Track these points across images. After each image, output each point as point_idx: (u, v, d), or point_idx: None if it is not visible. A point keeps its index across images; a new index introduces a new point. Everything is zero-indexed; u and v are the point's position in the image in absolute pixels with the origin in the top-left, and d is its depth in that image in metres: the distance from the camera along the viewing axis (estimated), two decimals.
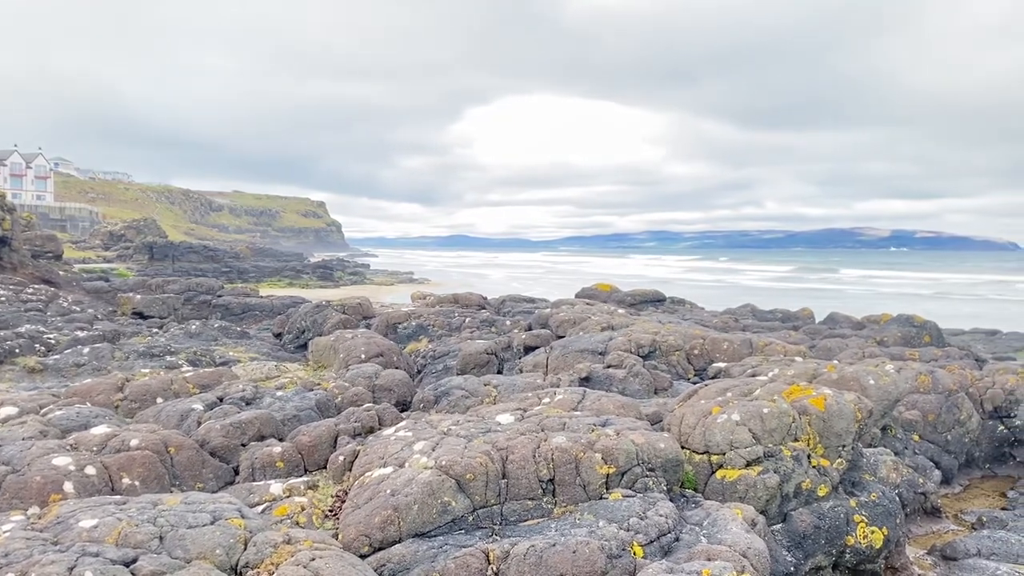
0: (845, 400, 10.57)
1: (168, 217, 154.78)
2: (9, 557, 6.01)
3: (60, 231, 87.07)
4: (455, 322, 25.49)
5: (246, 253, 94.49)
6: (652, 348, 17.76)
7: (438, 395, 14.31)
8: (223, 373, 14.95)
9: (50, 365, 20.83)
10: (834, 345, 21.88)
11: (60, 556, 6.01)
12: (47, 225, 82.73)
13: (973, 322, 44.87)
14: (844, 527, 9.63)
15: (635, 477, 8.72)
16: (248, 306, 36.11)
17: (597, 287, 32.72)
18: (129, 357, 21.43)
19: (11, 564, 5.91)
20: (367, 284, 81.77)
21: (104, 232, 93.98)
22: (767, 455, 9.62)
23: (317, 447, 10.82)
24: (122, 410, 12.97)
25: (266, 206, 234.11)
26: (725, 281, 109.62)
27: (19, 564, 5.89)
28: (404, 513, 7.83)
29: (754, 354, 17.99)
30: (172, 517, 6.96)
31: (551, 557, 7.06)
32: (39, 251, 45.29)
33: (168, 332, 27.29)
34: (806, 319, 30.86)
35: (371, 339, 19.55)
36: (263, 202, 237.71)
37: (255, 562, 6.54)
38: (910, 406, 14.89)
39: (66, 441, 9.76)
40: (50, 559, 5.94)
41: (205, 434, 10.86)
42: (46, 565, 5.84)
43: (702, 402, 10.56)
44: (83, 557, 6.06)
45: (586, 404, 11.28)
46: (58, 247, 50.08)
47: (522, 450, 8.66)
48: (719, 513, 8.43)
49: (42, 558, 5.96)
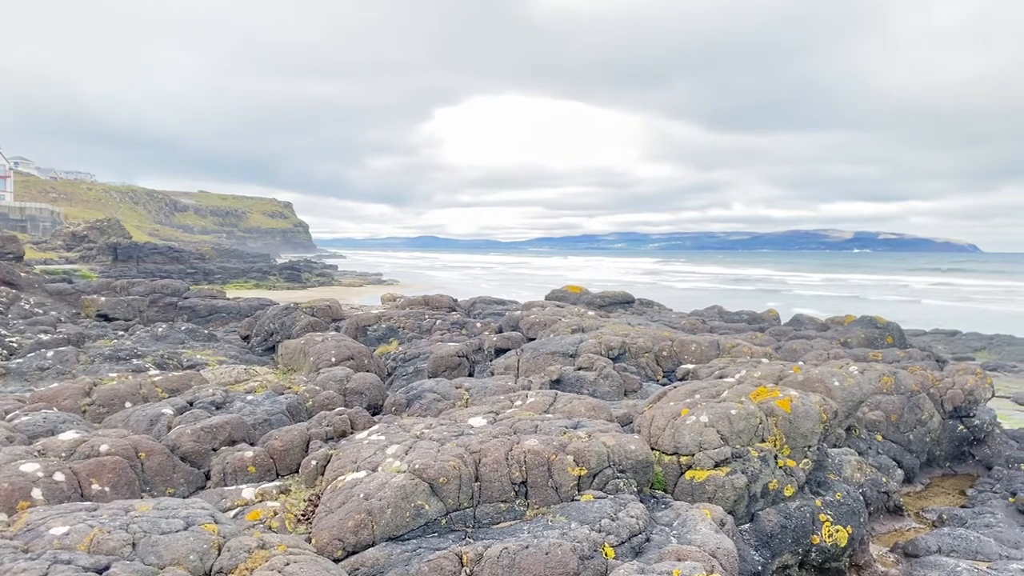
0: (811, 401, 10.79)
1: (132, 217, 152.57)
2: None
3: (20, 232, 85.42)
4: (425, 324, 25.48)
5: (212, 254, 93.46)
6: (622, 350, 17.92)
7: (410, 398, 14.33)
8: (192, 377, 14.83)
9: (12, 369, 20.48)
10: (799, 346, 22.23)
11: (31, 564, 5.97)
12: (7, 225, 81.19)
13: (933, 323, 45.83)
14: (810, 526, 9.83)
15: (606, 479, 8.83)
16: (215, 308, 35.75)
17: (567, 289, 32.89)
18: (95, 360, 21.14)
19: None
20: (335, 285, 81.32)
21: (66, 232, 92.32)
22: (735, 456, 9.79)
23: (289, 451, 10.80)
24: (90, 415, 12.82)
25: (232, 206, 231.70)
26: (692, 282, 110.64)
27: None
28: (378, 517, 7.87)
29: (721, 355, 18.23)
30: (144, 523, 6.92)
31: (524, 559, 7.13)
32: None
33: (134, 335, 26.95)
34: (772, 320, 31.30)
35: (341, 342, 19.49)
36: (229, 202, 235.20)
37: (229, 567, 6.54)
38: (874, 406, 15.19)
39: (33, 447, 9.64)
40: (21, 567, 5.90)
41: (176, 439, 10.78)
42: (18, 573, 5.80)
43: (671, 404, 10.72)
44: (55, 565, 6.02)
45: (558, 407, 11.38)
46: (19, 248, 49.16)
47: (495, 453, 8.73)
48: (688, 514, 8.57)
49: (13, 566, 5.91)
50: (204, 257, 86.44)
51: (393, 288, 72.89)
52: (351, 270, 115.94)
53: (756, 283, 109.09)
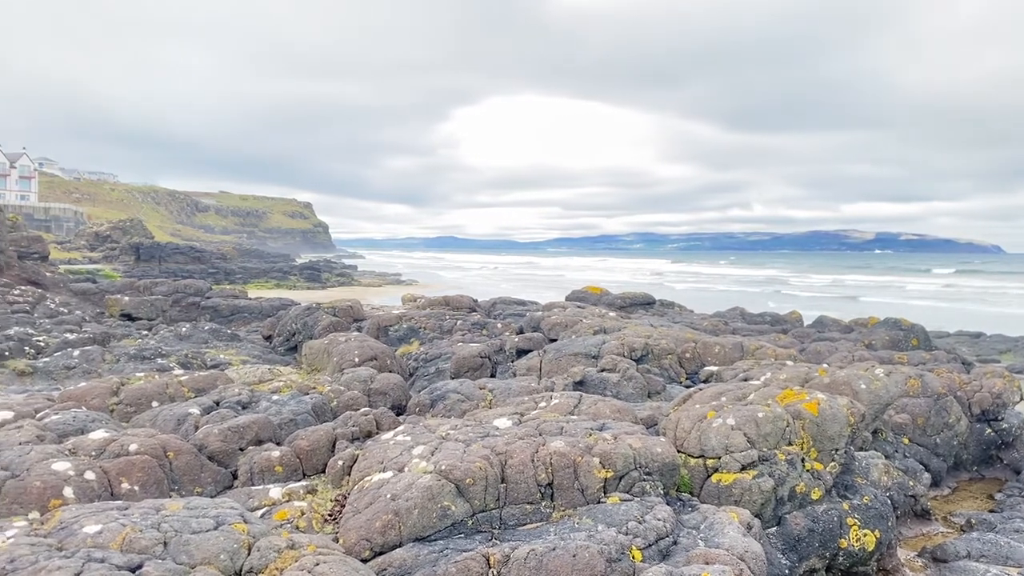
0: (838, 404, 10.71)
1: (154, 218, 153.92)
2: (15, 563, 6.01)
3: (45, 232, 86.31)
4: (446, 325, 25.54)
5: (233, 254, 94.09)
6: (644, 351, 17.87)
7: (434, 399, 14.36)
8: (218, 377, 14.94)
9: (40, 368, 20.74)
10: (823, 348, 22.06)
11: (66, 562, 6.03)
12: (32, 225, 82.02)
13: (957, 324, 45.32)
14: (837, 530, 9.76)
15: (632, 481, 8.81)
16: (237, 308, 36.01)
17: (588, 290, 32.84)
18: (120, 360, 21.37)
19: (17, 570, 5.92)
20: (355, 285, 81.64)
21: (90, 233, 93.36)
22: (762, 459, 9.74)
23: (315, 451, 10.85)
24: (117, 414, 12.95)
25: (252, 207, 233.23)
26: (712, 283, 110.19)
27: (25, 570, 5.90)
28: (405, 517, 7.89)
29: (745, 357, 18.13)
30: (175, 522, 6.98)
31: (551, 561, 7.13)
32: (25, 252, 44.98)
33: (158, 334, 27.20)
34: (795, 322, 31.10)
35: (364, 342, 19.57)
36: (249, 203, 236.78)
37: (259, 567, 6.58)
38: (900, 409, 15.05)
39: (64, 446, 9.74)
40: (56, 565, 5.96)
41: (203, 438, 10.87)
42: (52, 571, 5.86)
43: (697, 406, 10.68)
44: (89, 563, 6.07)
45: (582, 408, 11.36)
46: (44, 248, 49.73)
47: (521, 455, 8.73)
48: (715, 517, 8.53)
49: (48, 564, 5.98)
50: (225, 257, 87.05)
51: (412, 288, 73.10)
52: (370, 270, 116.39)
53: (761, 284, 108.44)
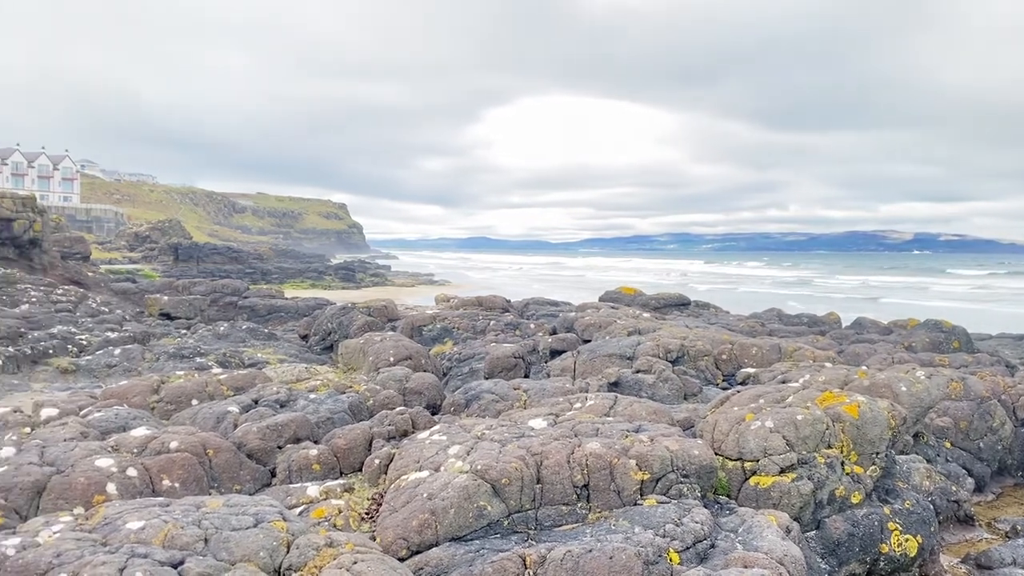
0: (879, 407, 10.54)
1: (192, 218, 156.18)
2: (61, 557, 6.13)
3: (86, 232, 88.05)
4: (479, 325, 25.59)
5: (269, 254, 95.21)
6: (680, 353, 17.75)
7: (468, 399, 14.39)
8: (256, 375, 15.12)
9: (82, 366, 21.15)
10: (862, 350, 21.74)
11: (110, 557, 6.13)
12: (74, 226, 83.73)
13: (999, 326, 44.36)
14: (878, 534, 9.61)
15: (669, 483, 8.75)
16: (274, 307, 36.41)
17: (621, 290, 32.70)
18: (159, 358, 21.71)
19: (63, 564, 6.04)
20: (388, 285, 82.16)
21: (130, 233, 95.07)
22: (801, 462, 9.61)
23: (352, 450, 10.93)
24: (158, 412, 13.16)
25: (288, 208, 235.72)
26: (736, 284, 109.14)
27: (71, 564, 6.02)
28: (441, 517, 7.91)
29: (783, 359, 17.93)
30: (216, 519, 7.07)
31: (588, 563, 7.10)
32: (68, 252, 45.97)
33: (196, 333, 27.60)
34: (833, 324, 30.67)
35: (399, 342, 19.68)
36: (285, 204, 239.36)
37: (298, 564, 6.63)
38: (941, 413, 14.79)
39: (107, 443, 9.92)
40: (101, 560, 6.06)
41: (242, 436, 11.00)
42: (97, 566, 5.96)
43: (735, 409, 10.57)
44: (132, 558, 6.17)
45: (618, 410, 11.31)
46: (86, 248, 50.79)
47: (556, 455, 8.71)
48: (754, 520, 8.44)
49: (93, 559, 6.09)
50: (262, 257, 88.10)
51: (445, 288, 73.38)
52: (404, 270, 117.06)
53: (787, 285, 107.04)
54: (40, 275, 37.75)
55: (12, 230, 37.34)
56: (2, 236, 37.05)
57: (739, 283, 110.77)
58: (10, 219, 37.14)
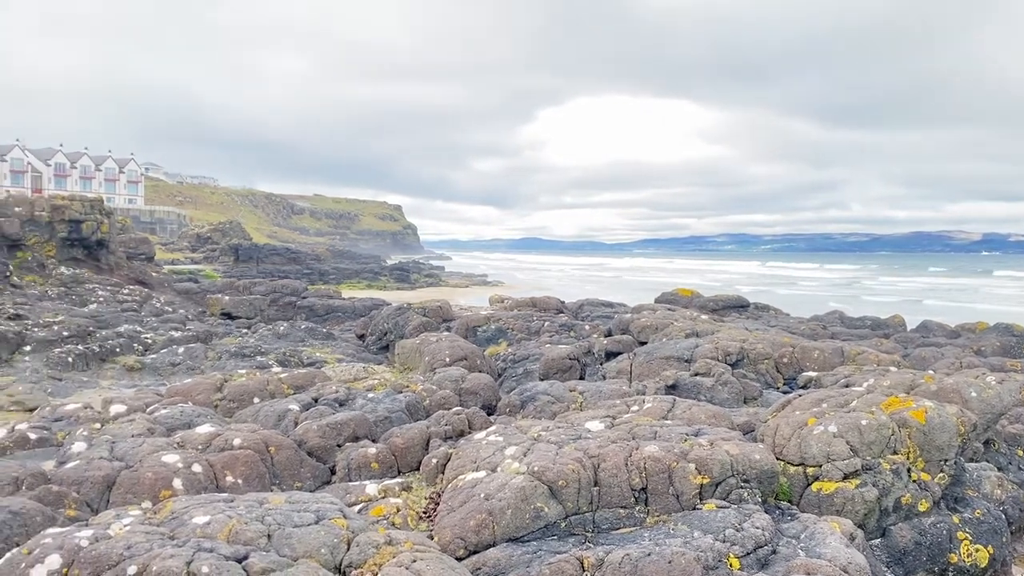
0: (947, 413, 10.24)
1: (251, 220, 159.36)
2: (132, 549, 6.30)
3: (150, 233, 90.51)
4: (534, 326, 25.59)
5: (326, 255, 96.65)
6: (740, 356, 17.49)
7: (524, 400, 14.39)
8: (315, 375, 15.36)
9: (147, 364, 21.75)
10: (929, 354, 21.14)
11: (178, 551, 6.28)
12: (138, 228, 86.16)
13: None
14: (947, 544, 9.34)
15: (730, 488, 8.62)
16: (331, 308, 36.95)
17: (678, 292, 32.37)
18: (221, 357, 22.20)
19: (134, 556, 6.20)
20: (442, 286, 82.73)
21: (191, 234, 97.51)
22: (865, 468, 9.39)
23: (410, 449, 11.03)
24: (221, 409, 13.46)
25: (345, 209, 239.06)
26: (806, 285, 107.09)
27: (141, 557, 6.18)
28: (498, 517, 7.91)
29: (846, 363, 17.54)
30: (278, 516, 7.19)
31: (646, 567, 7.03)
32: (133, 253, 47.33)
33: (257, 333, 28.15)
34: (897, 327, 29.90)
35: (455, 342, 19.79)
36: (342, 205, 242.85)
37: (358, 562, 6.70)
38: (1014, 420, 14.30)
39: (173, 439, 10.18)
40: (169, 553, 6.21)
41: (303, 434, 11.18)
42: (166, 559, 6.11)
43: (797, 413, 10.38)
44: (199, 552, 6.31)
45: (676, 413, 11.19)
46: (151, 249, 52.21)
47: (614, 458, 8.65)
48: (817, 526, 8.26)
49: (162, 552, 6.24)
50: (319, 258, 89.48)
51: (498, 289, 73.58)
52: (457, 271, 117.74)
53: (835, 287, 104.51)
54: (107, 275, 38.97)
55: (81, 231, 38.61)
56: (72, 237, 38.34)
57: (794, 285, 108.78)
58: (79, 220, 38.40)
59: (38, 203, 38.46)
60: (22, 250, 35.95)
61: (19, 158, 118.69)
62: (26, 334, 22.18)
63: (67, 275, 35.83)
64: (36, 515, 7.81)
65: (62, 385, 18.95)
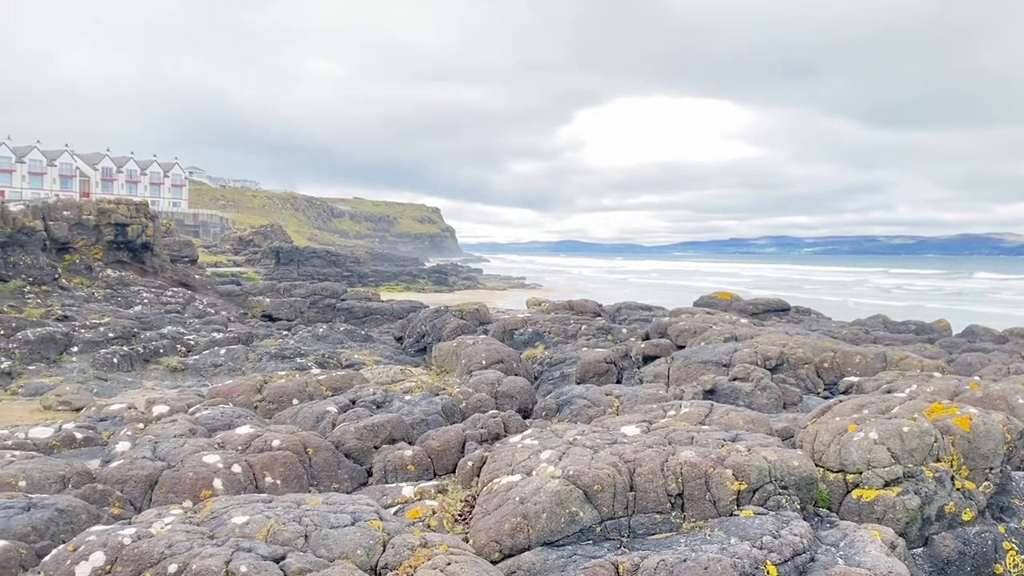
0: (992, 420, 10.02)
1: (292, 223, 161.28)
2: (173, 548, 6.43)
3: (193, 236, 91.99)
4: (571, 329, 25.55)
5: (365, 258, 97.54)
6: (779, 360, 17.28)
7: (560, 403, 14.38)
8: (353, 376, 15.51)
9: (190, 365, 22.15)
10: (975, 360, 20.69)
11: (217, 550, 6.40)
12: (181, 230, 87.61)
13: None
14: (992, 554, 9.12)
15: (767, 495, 8.52)
16: (370, 310, 37.25)
17: (717, 295, 32.08)
18: (262, 358, 22.52)
19: (175, 555, 6.33)
20: (480, 289, 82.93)
21: (234, 237, 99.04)
22: (907, 475, 9.22)
23: (446, 452, 11.08)
24: (260, 410, 13.66)
25: (384, 212, 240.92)
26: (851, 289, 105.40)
27: (182, 555, 6.31)
28: (533, 521, 7.91)
29: (888, 368, 17.24)
30: (315, 517, 7.28)
31: (682, 572, 6.98)
32: (177, 255, 48.18)
33: (297, 334, 28.50)
34: (942, 331, 29.31)
35: (491, 345, 19.84)
36: (381, 208, 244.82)
37: (394, 564, 6.76)
38: None
39: (214, 440, 10.36)
40: (208, 552, 6.33)
41: (340, 436, 11.30)
42: (205, 558, 6.23)
43: (837, 419, 10.23)
44: (238, 552, 6.42)
45: (713, 418, 11.10)
46: (194, 252, 53.07)
47: (650, 463, 8.60)
48: (856, 534, 8.14)
49: (201, 551, 6.36)
50: (359, 261, 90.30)
51: (536, 292, 73.57)
52: (495, 274, 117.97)
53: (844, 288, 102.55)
54: (152, 277, 39.75)
55: (127, 234, 39.44)
56: (117, 240, 39.17)
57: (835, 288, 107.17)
58: (125, 224, 39.22)
59: (86, 207, 39.38)
60: (70, 253, 36.84)
61: (68, 163, 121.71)
62: (73, 335, 22.72)
63: (113, 277, 36.64)
64: (81, 513, 8.01)
65: (107, 385, 19.39)
